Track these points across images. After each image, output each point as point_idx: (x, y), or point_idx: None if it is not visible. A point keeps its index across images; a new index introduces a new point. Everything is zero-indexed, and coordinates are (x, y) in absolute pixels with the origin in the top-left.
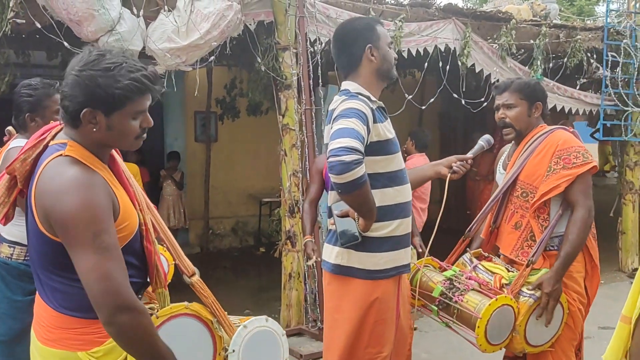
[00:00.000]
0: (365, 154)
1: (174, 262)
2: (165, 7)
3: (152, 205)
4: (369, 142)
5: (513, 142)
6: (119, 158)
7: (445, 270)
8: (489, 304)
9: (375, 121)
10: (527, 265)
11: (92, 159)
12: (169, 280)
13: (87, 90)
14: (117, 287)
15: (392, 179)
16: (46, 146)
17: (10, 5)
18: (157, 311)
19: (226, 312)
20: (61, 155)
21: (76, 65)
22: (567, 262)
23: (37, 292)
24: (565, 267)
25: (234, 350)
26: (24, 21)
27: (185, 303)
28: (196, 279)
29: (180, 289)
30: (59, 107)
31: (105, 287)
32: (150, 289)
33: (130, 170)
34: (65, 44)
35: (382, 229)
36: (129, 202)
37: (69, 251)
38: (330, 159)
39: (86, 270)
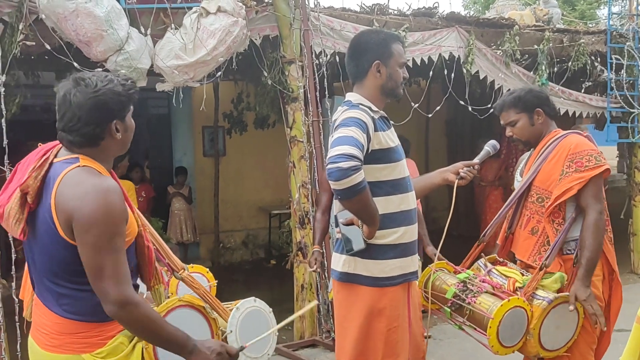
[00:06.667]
0: (367, 162)
1: (168, 265)
2: (172, 25)
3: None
4: (370, 151)
5: (531, 149)
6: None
7: (459, 273)
8: (501, 305)
9: (376, 129)
10: (541, 269)
11: (103, 169)
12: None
13: (110, 106)
14: (125, 284)
15: (395, 186)
16: (51, 164)
17: (20, 28)
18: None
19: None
20: (78, 166)
21: (88, 93)
22: (589, 268)
23: (35, 300)
24: (589, 273)
25: (231, 331)
26: (33, 43)
27: (178, 296)
28: (186, 274)
29: None
30: None
31: (114, 284)
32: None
33: (125, 186)
34: (75, 64)
35: (387, 237)
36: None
37: (82, 250)
38: (329, 166)
39: (99, 268)
